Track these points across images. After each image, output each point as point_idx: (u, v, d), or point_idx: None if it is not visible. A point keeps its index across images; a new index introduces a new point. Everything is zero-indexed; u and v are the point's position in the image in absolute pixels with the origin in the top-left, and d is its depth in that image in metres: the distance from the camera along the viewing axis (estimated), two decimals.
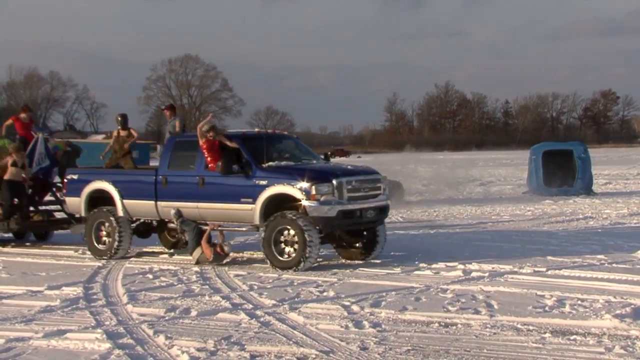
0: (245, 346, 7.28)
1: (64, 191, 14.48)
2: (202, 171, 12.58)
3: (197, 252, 12.44)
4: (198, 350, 7.18)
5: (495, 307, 8.78)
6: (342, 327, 7.99)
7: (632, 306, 8.59)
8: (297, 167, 12.37)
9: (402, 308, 8.81)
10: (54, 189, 16.22)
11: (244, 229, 12.77)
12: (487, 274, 10.86)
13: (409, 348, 7.13)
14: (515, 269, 11.21)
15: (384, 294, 9.70)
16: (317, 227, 11.70)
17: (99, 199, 13.77)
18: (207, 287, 10.54)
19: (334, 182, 11.75)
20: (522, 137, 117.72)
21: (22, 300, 9.90)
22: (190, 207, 12.72)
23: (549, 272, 10.91)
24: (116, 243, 13.36)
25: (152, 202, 13.14)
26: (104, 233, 13.57)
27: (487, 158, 72.60)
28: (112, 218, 13.40)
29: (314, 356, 6.96)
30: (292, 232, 11.64)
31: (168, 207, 12.92)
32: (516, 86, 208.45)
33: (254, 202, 11.97)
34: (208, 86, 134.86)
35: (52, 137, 16.98)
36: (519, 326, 7.86)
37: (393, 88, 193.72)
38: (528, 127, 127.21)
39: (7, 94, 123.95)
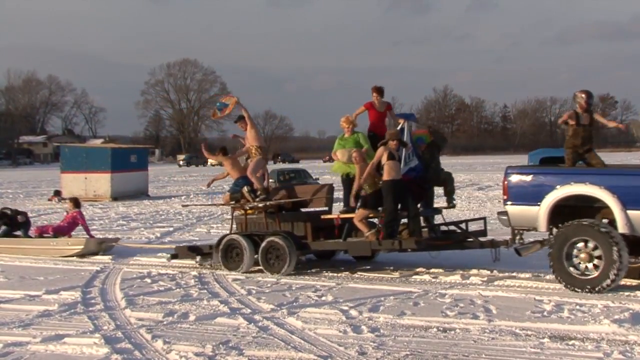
0: (244, 351, 7.28)
1: (504, 197, 10.80)
2: None
3: None
4: (196, 355, 7.17)
5: (494, 311, 8.78)
6: (340, 331, 7.98)
7: (631, 311, 8.58)
8: None
9: (400, 313, 8.81)
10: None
11: None
12: (485, 279, 10.86)
13: (408, 353, 7.12)
14: (514, 274, 11.21)
15: (382, 298, 9.70)
16: None
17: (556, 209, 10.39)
18: (206, 291, 10.53)
19: None
20: (521, 141, 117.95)
21: (20, 304, 9.88)
22: None
23: (548, 277, 10.88)
24: (614, 271, 9.63)
25: None
26: (583, 256, 9.93)
27: (486, 162, 72.66)
28: (606, 235, 9.72)
29: None
30: None
31: None
32: (515, 90, 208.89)
33: None
34: (206, 90, 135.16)
35: (417, 123, 13.13)
36: (517, 331, 7.86)
37: (392, 92, 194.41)
38: (526, 131, 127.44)
39: (6, 98, 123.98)
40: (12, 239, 15.46)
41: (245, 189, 12.77)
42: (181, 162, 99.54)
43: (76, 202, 15.70)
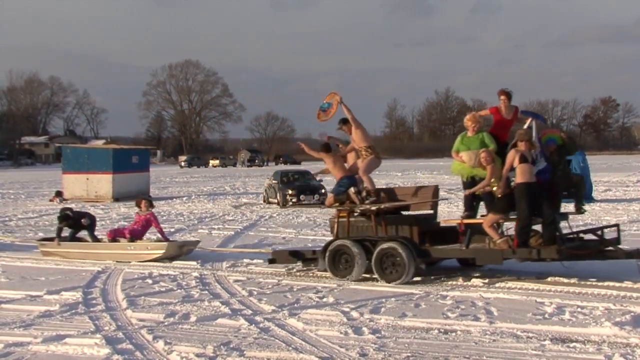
0: (245, 352, 7.28)
1: None
2: None
3: None
4: (197, 355, 7.17)
5: (495, 313, 8.77)
6: (341, 333, 7.98)
7: (632, 314, 8.57)
8: None
9: (401, 314, 8.81)
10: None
11: None
12: (486, 281, 10.86)
13: (409, 354, 7.12)
14: (515, 276, 11.20)
15: (383, 300, 9.70)
16: None
17: None
18: (207, 292, 10.53)
19: None
20: None
21: (21, 305, 9.89)
22: None
23: (549, 279, 10.90)
24: None
25: None
26: None
27: None
28: None
29: None
30: None
31: None
32: (516, 93, 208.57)
33: None
34: (208, 91, 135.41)
35: (545, 124, 12.07)
36: (518, 333, 7.85)
37: (394, 94, 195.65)
38: None
39: (8, 98, 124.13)
40: (84, 244, 14.51)
41: (351, 190, 12.01)
42: (183, 163, 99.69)
43: (150, 203, 14.43)
